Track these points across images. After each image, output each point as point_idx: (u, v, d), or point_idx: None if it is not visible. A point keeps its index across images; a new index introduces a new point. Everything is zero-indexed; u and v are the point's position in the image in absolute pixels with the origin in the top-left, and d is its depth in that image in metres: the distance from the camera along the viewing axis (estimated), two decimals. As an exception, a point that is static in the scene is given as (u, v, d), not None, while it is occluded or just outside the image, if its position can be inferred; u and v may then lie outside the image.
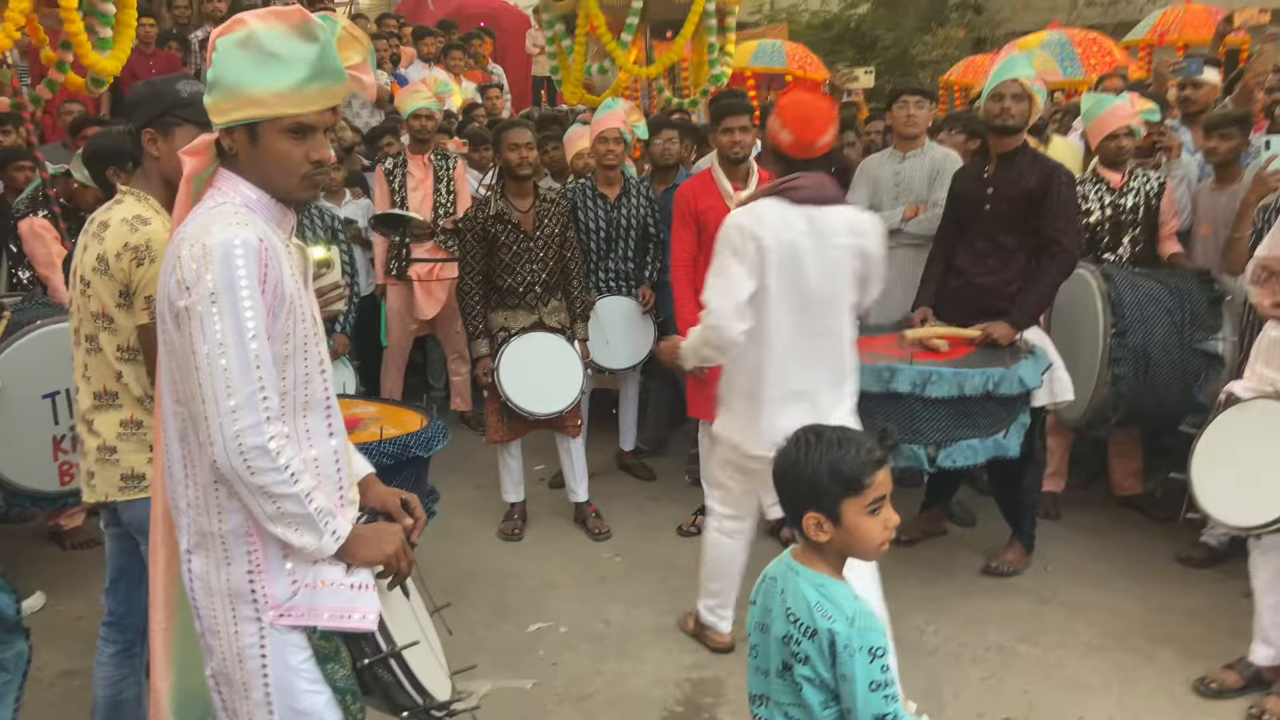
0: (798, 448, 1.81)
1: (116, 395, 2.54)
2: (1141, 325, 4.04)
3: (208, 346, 1.69)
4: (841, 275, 3.10)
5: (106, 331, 2.51)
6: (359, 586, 1.88)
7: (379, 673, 1.88)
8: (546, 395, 4.36)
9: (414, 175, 5.68)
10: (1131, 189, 4.43)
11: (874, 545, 1.79)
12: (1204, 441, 3.24)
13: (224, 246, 1.70)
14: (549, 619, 3.90)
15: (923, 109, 4.62)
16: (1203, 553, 4.14)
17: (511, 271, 4.40)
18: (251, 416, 1.69)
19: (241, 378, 1.69)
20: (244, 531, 1.81)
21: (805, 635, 1.78)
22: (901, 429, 3.54)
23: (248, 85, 1.75)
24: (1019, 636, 3.67)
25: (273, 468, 1.71)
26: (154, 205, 2.53)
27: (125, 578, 2.75)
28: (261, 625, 1.83)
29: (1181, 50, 7.92)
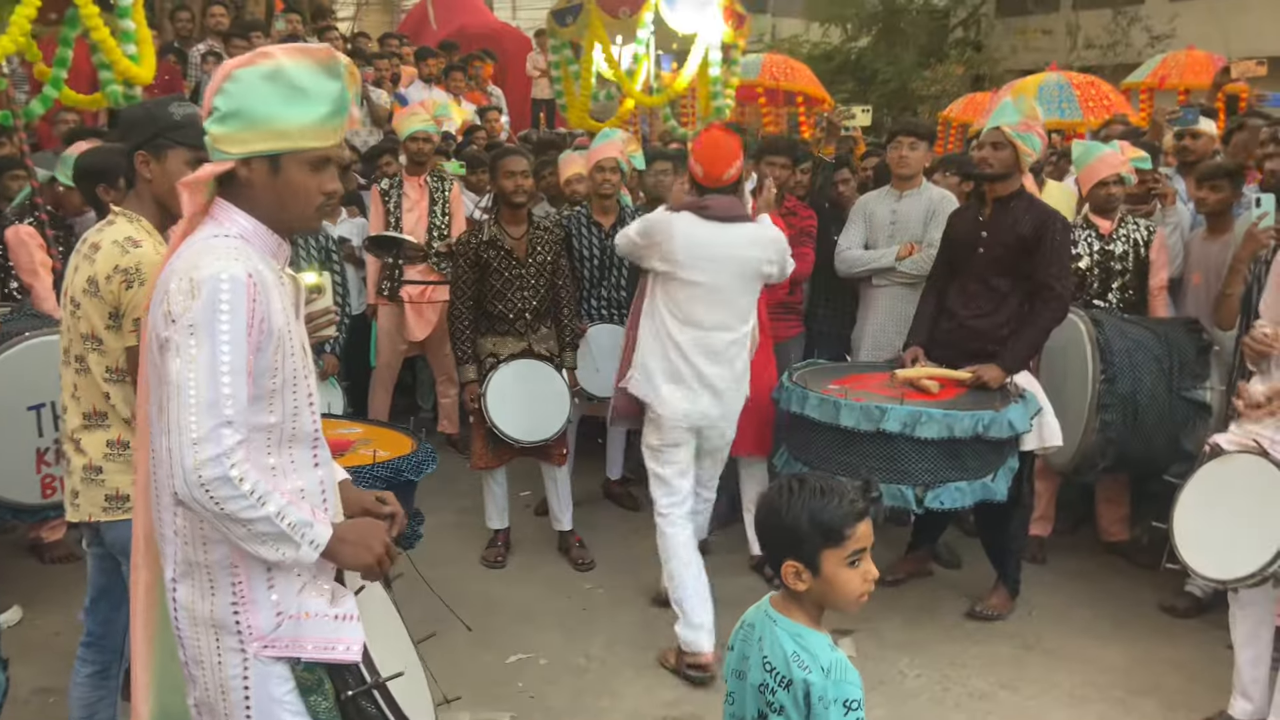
0: (780, 495, 1.80)
1: (105, 416, 2.54)
2: (1130, 372, 4.06)
3: (179, 377, 1.69)
4: (744, 281, 3.70)
5: (96, 353, 2.50)
6: (343, 618, 1.87)
7: (362, 704, 1.87)
8: (533, 423, 4.35)
9: (409, 196, 5.68)
10: (1121, 236, 4.45)
11: (852, 597, 1.78)
12: (1186, 492, 3.25)
13: (211, 281, 1.71)
14: (529, 650, 3.86)
15: (917, 150, 4.64)
16: (1187, 602, 4.13)
17: (502, 298, 4.40)
18: (212, 449, 1.67)
19: (208, 411, 1.67)
20: (229, 563, 1.80)
21: (781, 685, 1.76)
22: (890, 469, 3.54)
23: (276, 118, 1.77)
24: (1001, 682, 3.65)
25: (236, 494, 1.68)
26: (146, 227, 2.53)
27: (106, 598, 2.73)
28: (245, 656, 1.82)
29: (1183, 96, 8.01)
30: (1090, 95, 7.85)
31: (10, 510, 3.64)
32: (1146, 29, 16.65)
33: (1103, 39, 16.74)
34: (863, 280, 4.82)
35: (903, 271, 4.61)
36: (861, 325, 4.84)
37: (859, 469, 3.56)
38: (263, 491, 1.71)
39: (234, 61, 1.81)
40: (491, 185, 4.45)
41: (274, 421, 1.81)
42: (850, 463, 3.60)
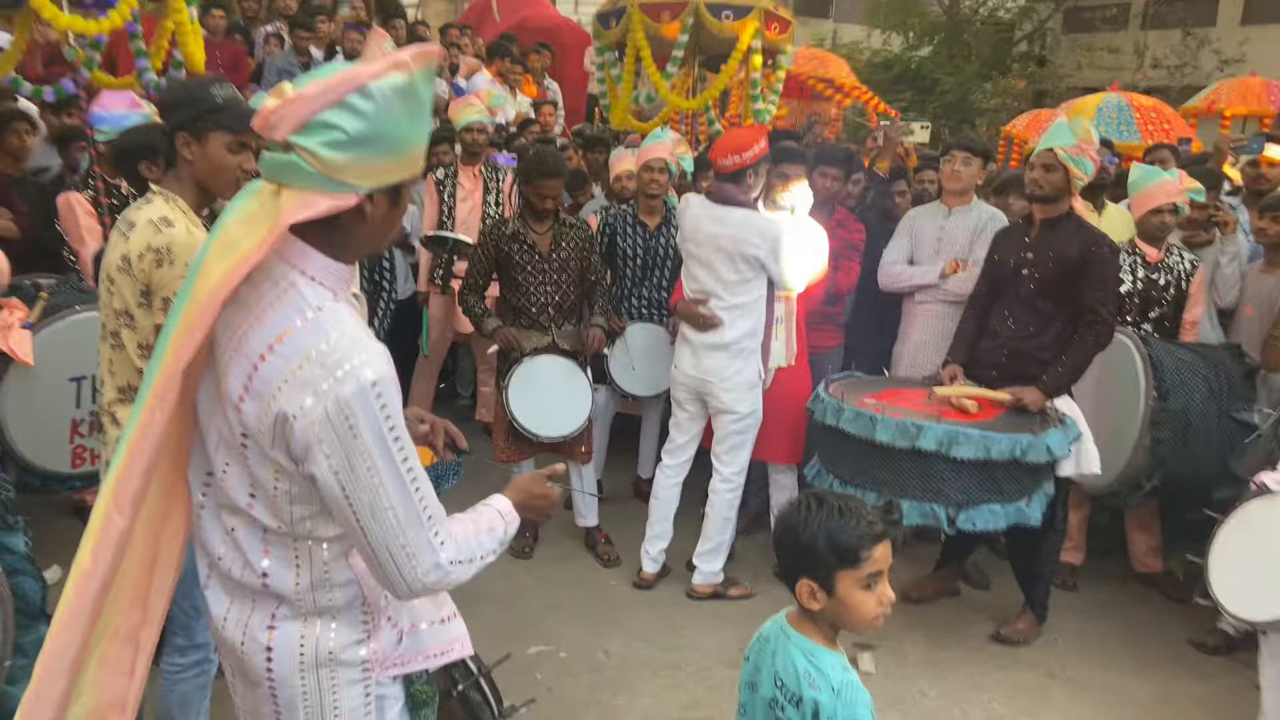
0: (798, 513, 1.80)
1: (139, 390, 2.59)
2: (1182, 390, 3.99)
3: (375, 510, 1.55)
4: (729, 258, 4.03)
5: (128, 329, 2.55)
6: (450, 618, 1.90)
7: (470, 695, 1.92)
8: (554, 418, 4.37)
9: (464, 186, 5.74)
10: (1166, 266, 4.38)
11: (866, 619, 1.77)
12: (1226, 528, 3.20)
13: (362, 397, 1.50)
14: (550, 642, 3.90)
15: (970, 166, 4.59)
16: (1218, 639, 4.06)
17: (526, 292, 4.43)
18: (428, 558, 1.60)
19: (411, 525, 1.58)
20: (358, 601, 1.74)
21: (791, 702, 1.77)
22: (923, 487, 3.52)
23: (412, 142, 1.54)
24: (1022, 710, 3.61)
25: (457, 576, 1.66)
26: (181, 207, 2.57)
27: None
28: (368, 684, 1.76)
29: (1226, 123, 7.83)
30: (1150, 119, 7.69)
31: (40, 476, 3.75)
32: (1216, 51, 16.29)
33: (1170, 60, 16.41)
34: (905, 296, 4.79)
35: (946, 290, 4.57)
36: (903, 341, 4.80)
37: (891, 485, 3.55)
38: (468, 554, 1.67)
39: (363, 71, 1.48)
40: (523, 189, 4.44)
41: None
42: (883, 478, 3.59)
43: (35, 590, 2.54)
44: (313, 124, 1.47)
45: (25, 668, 2.53)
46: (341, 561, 1.69)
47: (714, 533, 4.31)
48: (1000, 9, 19.94)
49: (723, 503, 4.28)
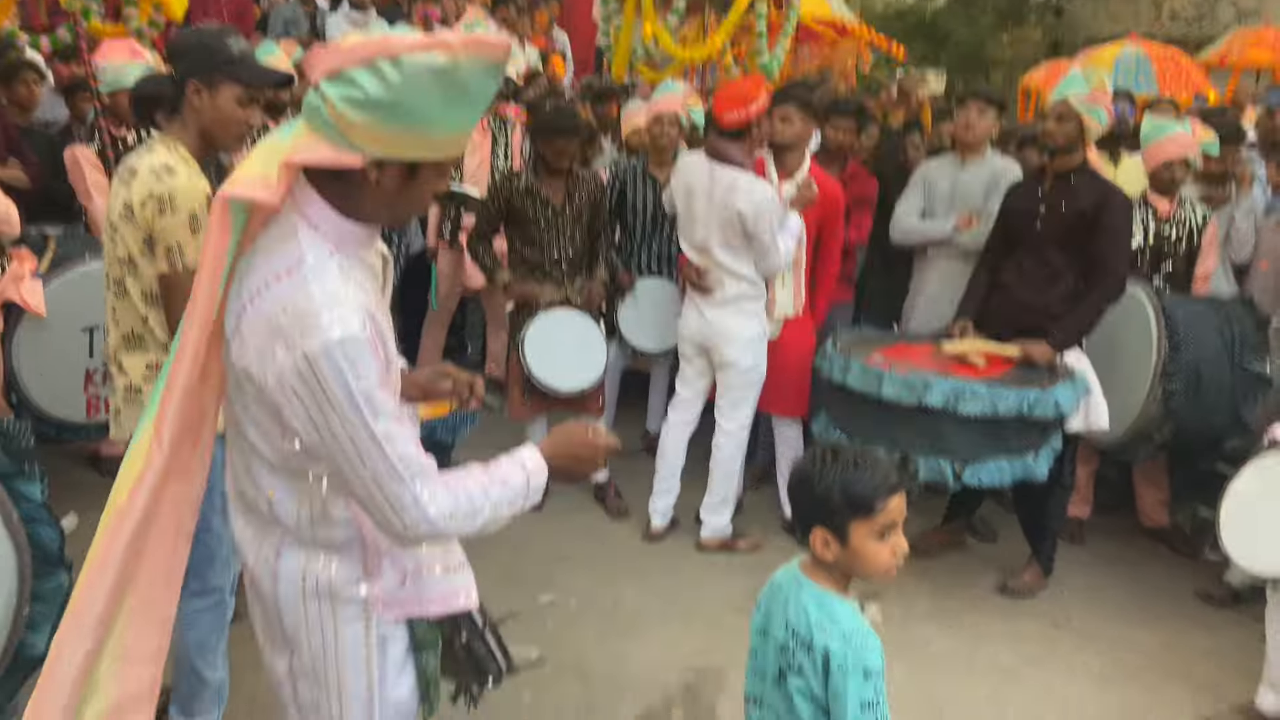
0: (814, 463, 1.81)
1: (143, 339, 2.61)
2: (1194, 341, 3.96)
3: (349, 457, 1.57)
4: (718, 218, 4.01)
5: (131, 276, 2.56)
6: (458, 567, 1.91)
7: (474, 646, 1.92)
8: (570, 372, 4.38)
9: (472, 139, 5.69)
10: (1178, 219, 4.34)
11: (879, 569, 1.79)
12: (1238, 482, 3.20)
13: (329, 355, 1.50)
14: (560, 592, 3.95)
15: (985, 117, 4.52)
16: (1225, 592, 4.09)
17: (540, 246, 4.41)
18: (414, 513, 1.61)
19: (391, 480, 1.58)
20: (357, 538, 1.76)
21: (802, 648, 1.79)
22: (930, 443, 3.53)
23: (435, 124, 1.52)
24: (1026, 659, 3.65)
25: (454, 526, 1.66)
26: (183, 154, 2.56)
27: None
28: (369, 623, 1.79)
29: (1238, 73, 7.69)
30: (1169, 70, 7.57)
31: (55, 426, 3.79)
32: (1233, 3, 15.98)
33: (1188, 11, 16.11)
34: (918, 250, 4.76)
35: (959, 243, 4.53)
36: (914, 295, 4.78)
37: (899, 441, 3.56)
38: (469, 506, 1.66)
39: (402, 41, 1.48)
40: (536, 144, 4.39)
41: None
42: (890, 434, 3.59)
43: (53, 538, 2.57)
44: (340, 76, 1.48)
45: (44, 614, 2.57)
46: (340, 500, 1.72)
47: (719, 487, 4.34)
48: (1017, -42, 19.60)
49: (726, 457, 4.31)
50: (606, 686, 3.36)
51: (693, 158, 4.17)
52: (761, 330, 4.20)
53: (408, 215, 1.71)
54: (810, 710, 1.80)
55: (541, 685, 3.33)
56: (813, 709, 1.80)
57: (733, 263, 4.07)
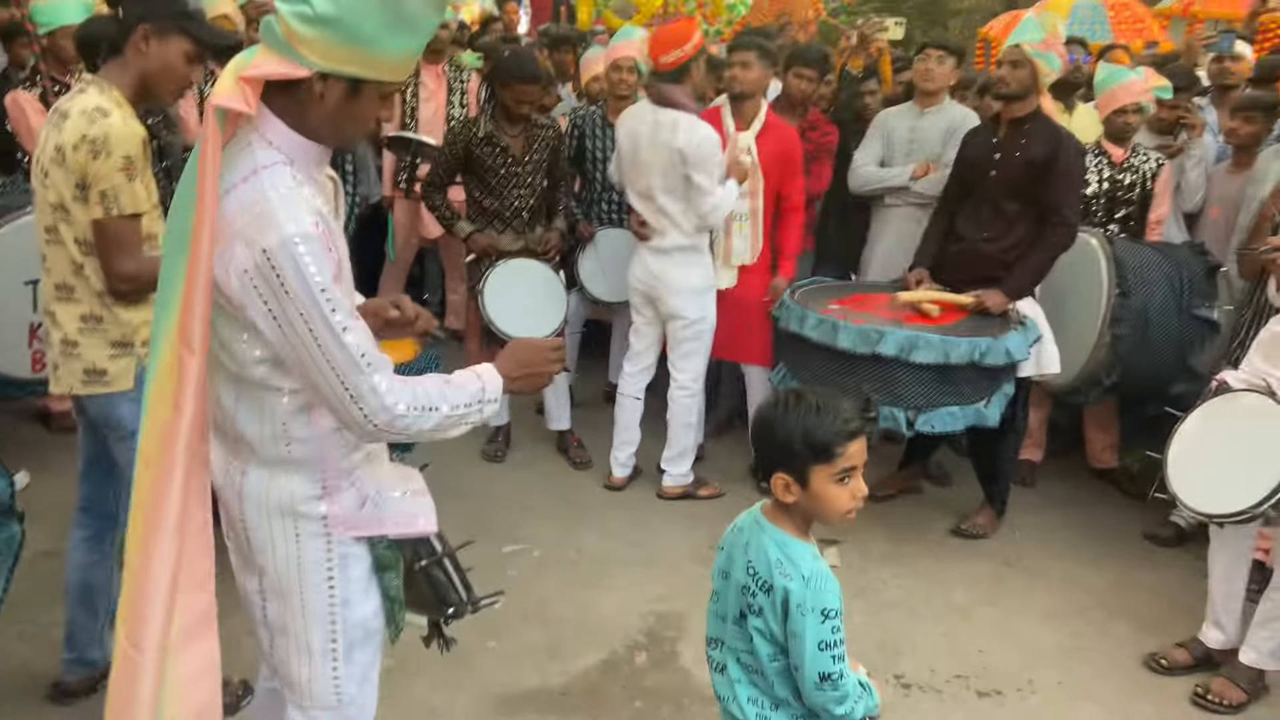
0: (776, 408, 1.82)
1: (74, 289, 2.54)
2: (1143, 287, 4.03)
3: (309, 348, 1.65)
4: (661, 161, 4.00)
5: (64, 223, 2.49)
6: (418, 493, 1.97)
7: (433, 573, 1.97)
8: (531, 321, 4.35)
9: (426, 86, 5.60)
10: (1131, 166, 4.39)
11: (838, 513, 1.81)
12: (1187, 425, 3.26)
13: (285, 248, 1.60)
14: (524, 542, 3.97)
15: (944, 65, 4.53)
16: (1170, 531, 4.21)
17: (499, 195, 4.37)
18: (372, 400, 1.68)
19: (349, 369, 1.66)
20: (317, 457, 1.82)
21: (762, 589, 1.82)
22: (884, 391, 3.58)
23: (383, 45, 1.64)
24: (980, 598, 3.75)
25: (411, 421, 1.72)
26: (117, 98, 2.49)
27: (96, 465, 2.80)
28: (330, 541, 1.85)
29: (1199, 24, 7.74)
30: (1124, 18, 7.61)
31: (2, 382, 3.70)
32: (1190, -50, 16.04)
33: (1144, -42, 16.15)
34: (875, 199, 4.77)
35: (917, 191, 4.56)
36: (872, 245, 4.81)
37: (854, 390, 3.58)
38: (425, 400, 1.73)
39: None
40: (495, 89, 4.31)
41: None
42: (845, 383, 3.62)
43: (3, 489, 2.54)
44: None
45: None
46: (301, 417, 1.78)
47: (678, 438, 4.38)
48: (975, -96, 19.48)
49: (682, 409, 4.35)
50: (570, 632, 3.40)
51: (636, 106, 4.20)
52: (706, 281, 4.21)
53: (351, 136, 1.80)
54: (769, 650, 1.84)
55: (506, 632, 3.36)
56: (772, 649, 1.84)
57: (675, 210, 4.07)
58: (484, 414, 1.83)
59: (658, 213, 4.12)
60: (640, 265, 4.26)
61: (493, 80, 4.33)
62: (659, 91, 4.06)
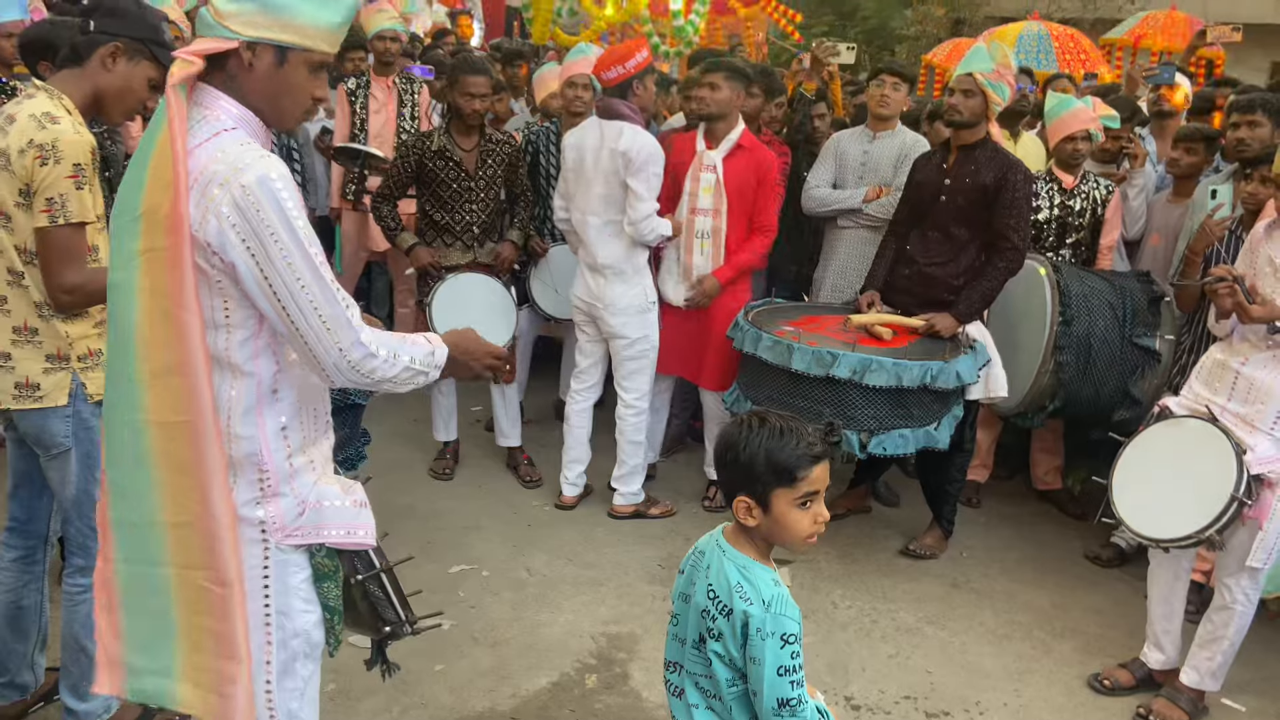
0: (740, 430, 1.82)
1: (5, 299, 2.45)
2: (1086, 316, 4.12)
3: (289, 287, 1.70)
4: (604, 168, 4.05)
5: (4, 230, 2.41)
6: (359, 504, 1.95)
7: (370, 588, 1.95)
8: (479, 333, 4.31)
9: (376, 98, 5.54)
10: (1082, 192, 4.49)
11: (800, 537, 1.81)
12: (1130, 450, 3.32)
13: (264, 184, 1.67)
14: (472, 561, 3.91)
15: (899, 91, 4.60)
16: (1112, 553, 4.29)
17: (450, 210, 4.35)
18: (348, 334, 1.75)
19: (327, 302, 1.73)
20: (257, 458, 1.80)
21: (722, 613, 1.80)
22: (836, 414, 3.60)
23: (300, 13, 1.73)
24: (928, 618, 3.77)
25: (380, 363, 1.80)
26: (67, 105, 2.43)
27: (26, 484, 2.71)
28: (267, 547, 1.83)
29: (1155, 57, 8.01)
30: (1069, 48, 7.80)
31: None
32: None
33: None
34: (828, 220, 4.82)
35: (869, 214, 4.61)
36: (824, 266, 4.85)
37: (806, 412, 3.62)
38: (391, 347, 1.83)
39: None
40: (448, 96, 4.31)
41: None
42: (799, 405, 3.65)
43: None
44: None
45: None
46: (248, 415, 1.78)
47: (627, 457, 4.37)
48: (919, -65, 19.90)
49: (630, 428, 4.35)
50: (520, 655, 3.35)
51: (586, 121, 4.25)
52: (644, 301, 4.22)
53: (286, 110, 1.82)
54: (728, 676, 1.83)
55: (454, 654, 3.30)
56: (730, 674, 1.83)
57: (614, 225, 4.10)
58: (429, 378, 1.91)
59: (599, 229, 4.12)
60: (580, 283, 4.27)
61: (445, 83, 4.31)
62: (605, 105, 4.12)
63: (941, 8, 16.91)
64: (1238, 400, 3.11)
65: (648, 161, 3.99)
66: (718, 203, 4.20)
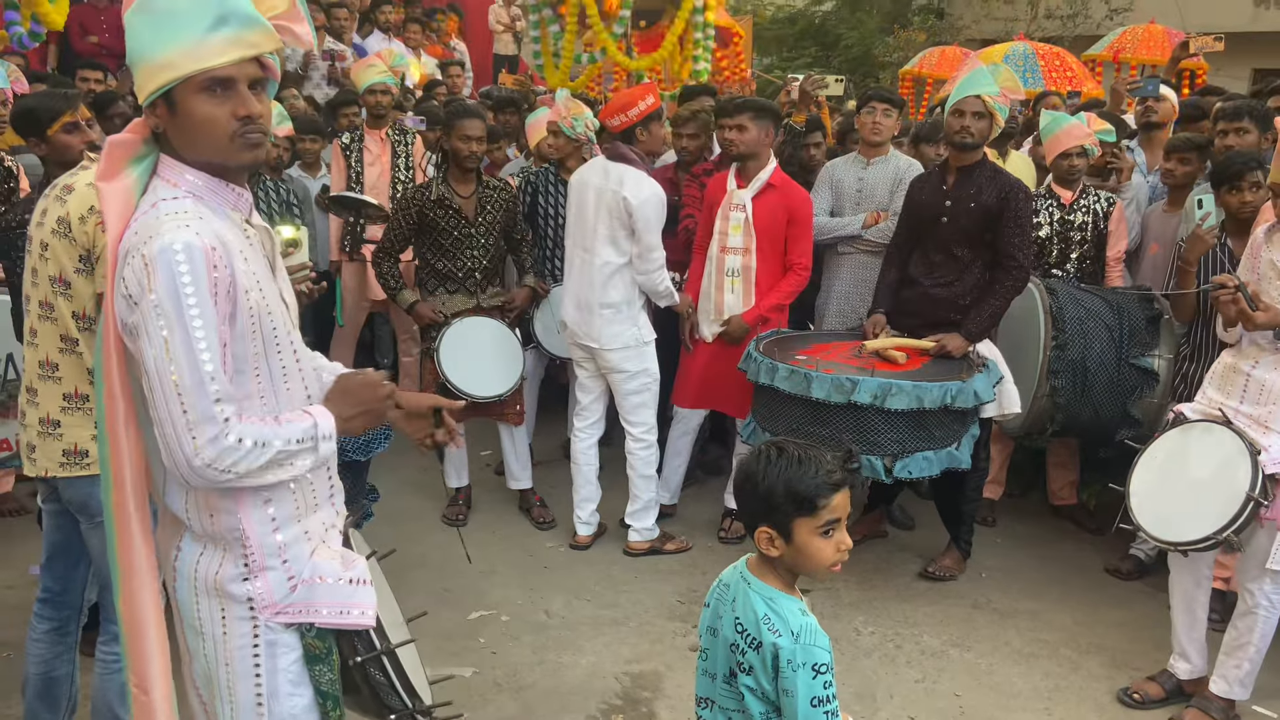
0: (759, 461, 1.80)
1: (58, 367, 2.48)
2: (1081, 339, 4.13)
3: (158, 365, 1.59)
4: (607, 207, 4.11)
5: (63, 297, 2.46)
6: (357, 582, 1.83)
7: (370, 671, 1.84)
8: (488, 379, 4.33)
9: (371, 151, 5.59)
10: (1081, 206, 4.52)
11: (823, 565, 1.80)
12: (1146, 457, 3.32)
13: (165, 255, 1.58)
14: (490, 607, 3.89)
15: (890, 117, 4.65)
16: (1131, 565, 4.26)
17: (452, 257, 4.36)
18: (209, 429, 1.60)
19: (194, 393, 1.59)
20: (238, 532, 1.73)
21: (751, 646, 1.79)
22: (859, 440, 3.57)
23: (154, 51, 1.63)
24: (952, 641, 3.74)
25: (243, 456, 1.63)
26: None
27: (63, 555, 2.70)
28: (256, 625, 1.76)
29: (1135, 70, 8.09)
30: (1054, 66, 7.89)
31: None
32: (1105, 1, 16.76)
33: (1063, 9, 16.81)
34: (827, 247, 4.84)
35: (869, 239, 4.63)
36: (826, 293, 4.86)
37: (828, 440, 3.61)
38: (260, 437, 1.65)
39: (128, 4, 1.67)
40: (444, 143, 4.34)
41: (263, 391, 1.74)
42: (819, 434, 3.63)
43: None
44: None
45: None
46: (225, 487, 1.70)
47: (640, 492, 4.36)
48: (897, -38, 20.17)
49: (640, 462, 4.35)
50: (545, 699, 3.32)
51: (593, 160, 4.32)
52: (639, 337, 4.24)
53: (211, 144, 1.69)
54: (761, 708, 1.81)
55: (478, 702, 3.27)
56: (764, 707, 1.81)
57: (613, 264, 4.14)
58: (319, 453, 1.74)
59: (600, 268, 4.15)
60: (572, 316, 4.29)
61: (443, 135, 4.35)
62: (612, 148, 4.20)
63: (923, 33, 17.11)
64: (1249, 402, 3.12)
65: (652, 214, 4.07)
66: (747, 241, 4.23)
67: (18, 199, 4.19)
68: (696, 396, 4.46)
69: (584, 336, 4.26)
